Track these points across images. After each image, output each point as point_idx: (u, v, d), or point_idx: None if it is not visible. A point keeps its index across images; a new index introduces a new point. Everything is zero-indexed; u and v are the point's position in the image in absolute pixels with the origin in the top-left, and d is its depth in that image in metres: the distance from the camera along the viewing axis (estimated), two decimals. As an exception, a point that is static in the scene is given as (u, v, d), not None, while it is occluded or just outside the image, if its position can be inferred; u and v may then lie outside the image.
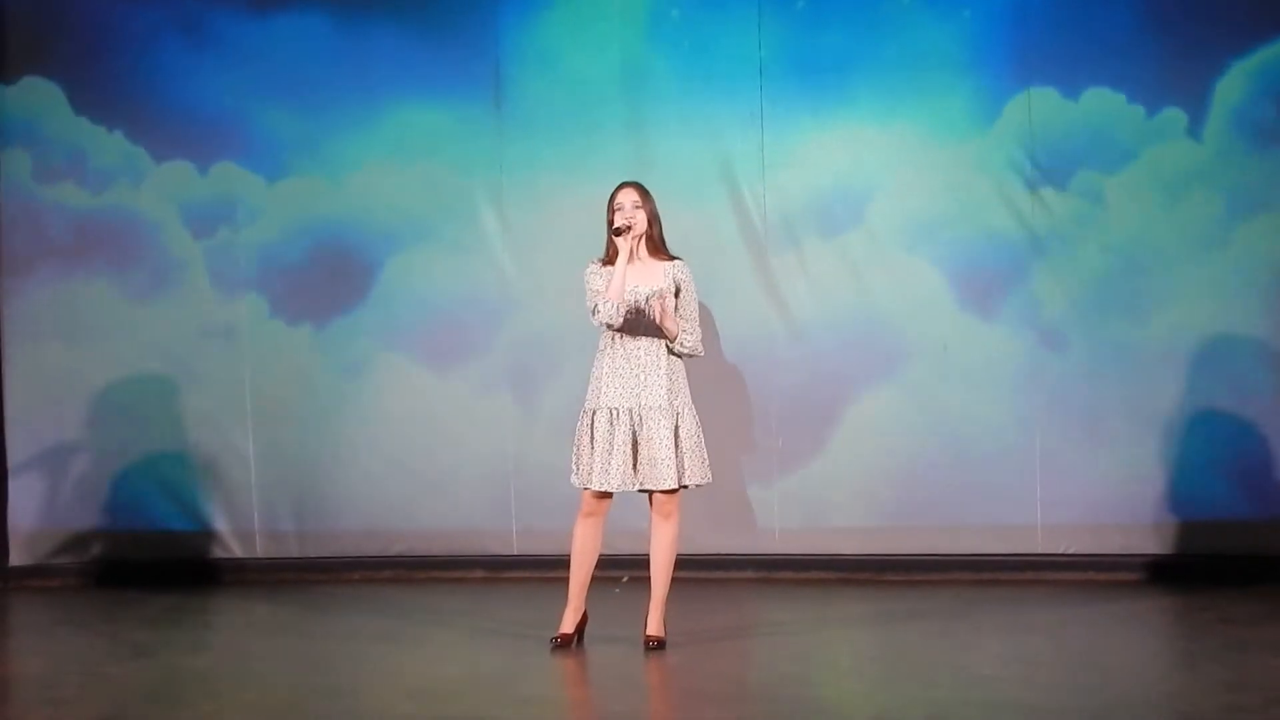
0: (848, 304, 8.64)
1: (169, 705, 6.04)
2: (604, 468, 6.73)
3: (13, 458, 9.12)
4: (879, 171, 8.62)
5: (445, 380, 8.96)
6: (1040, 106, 8.43)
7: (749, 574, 8.77)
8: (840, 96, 8.62)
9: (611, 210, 6.87)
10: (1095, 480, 8.43)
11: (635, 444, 6.74)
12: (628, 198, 6.86)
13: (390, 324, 9.00)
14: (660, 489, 6.74)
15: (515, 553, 8.91)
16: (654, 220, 6.90)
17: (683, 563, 8.02)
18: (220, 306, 9.14)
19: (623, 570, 8.01)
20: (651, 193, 6.90)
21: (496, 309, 8.92)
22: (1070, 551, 8.49)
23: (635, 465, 6.73)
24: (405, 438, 8.98)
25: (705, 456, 6.86)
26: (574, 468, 6.83)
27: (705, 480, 6.86)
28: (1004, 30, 8.46)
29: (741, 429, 8.72)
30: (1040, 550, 8.50)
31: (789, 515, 8.70)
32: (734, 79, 8.69)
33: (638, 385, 6.78)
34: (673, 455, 6.73)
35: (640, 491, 6.81)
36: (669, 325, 6.80)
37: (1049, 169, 8.45)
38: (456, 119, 8.93)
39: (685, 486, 6.81)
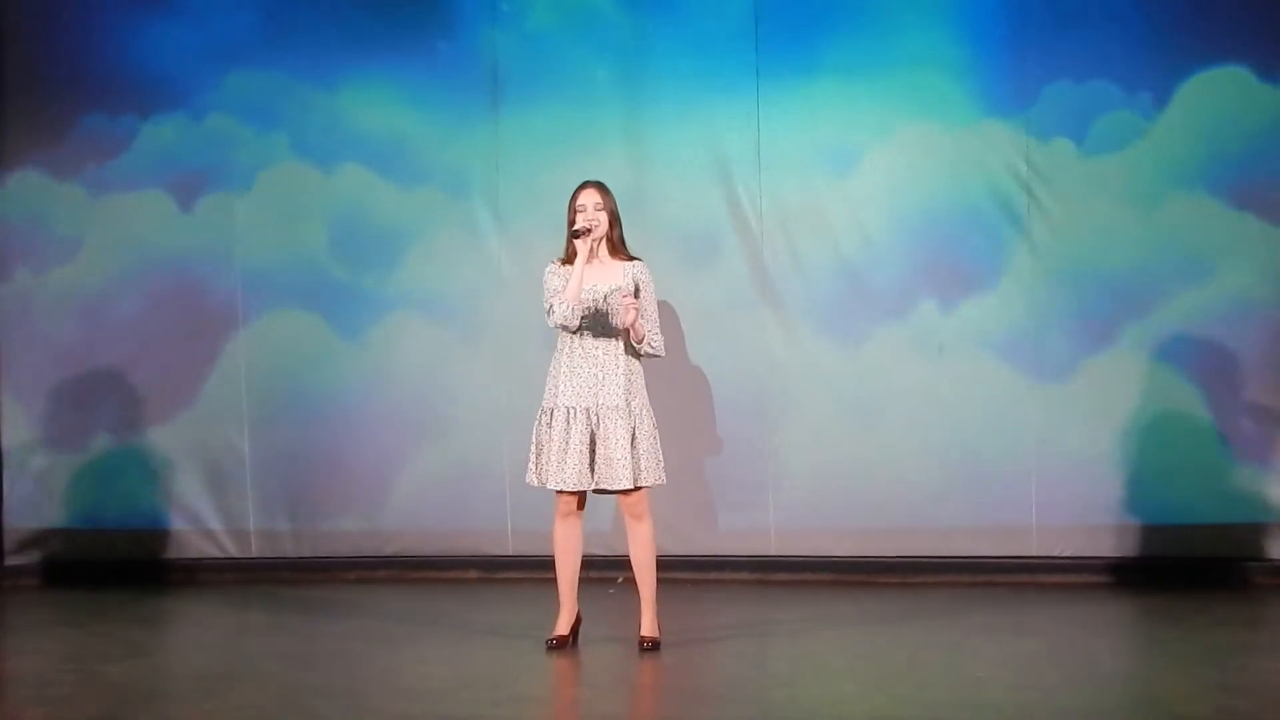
0: (843, 304, 8.64)
1: (164, 704, 6.04)
2: (559, 467, 6.74)
3: (7, 457, 9.11)
4: (874, 171, 8.61)
5: (440, 380, 8.96)
6: (1039, 108, 8.44)
7: (745, 575, 8.77)
8: (836, 97, 8.61)
9: (573, 210, 6.87)
10: (1090, 483, 8.42)
11: (592, 444, 6.75)
12: (589, 199, 6.86)
13: (385, 324, 8.99)
14: (615, 489, 6.74)
15: (510, 553, 8.90)
16: (615, 221, 6.89)
17: (679, 564, 8.06)
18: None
19: (618, 571, 8.01)
20: (612, 191, 6.91)
21: (492, 307, 8.92)
22: (1065, 554, 8.49)
23: (592, 465, 6.74)
24: (401, 438, 8.98)
25: (660, 458, 6.84)
26: (531, 467, 6.85)
27: (659, 481, 6.83)
28: (1003, 31, 8.46)
29: (736, 429, 8.72)
30: (1035, 552, 8.50)
31: (784, 517, 8.70)
32: (730, 79, 8.68)
33: (595, 385, 6.78)
34: (629, 456, 6.72)
35: (596, 492, 6.81)
36: (639, 326, 6.76)
37: (1044, 167, 8.45)
38: (455, 121, 8.93)
39: (640, 488, 6.79)
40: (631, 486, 6.74)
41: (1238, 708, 5.64)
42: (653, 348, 6.85)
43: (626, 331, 6.81)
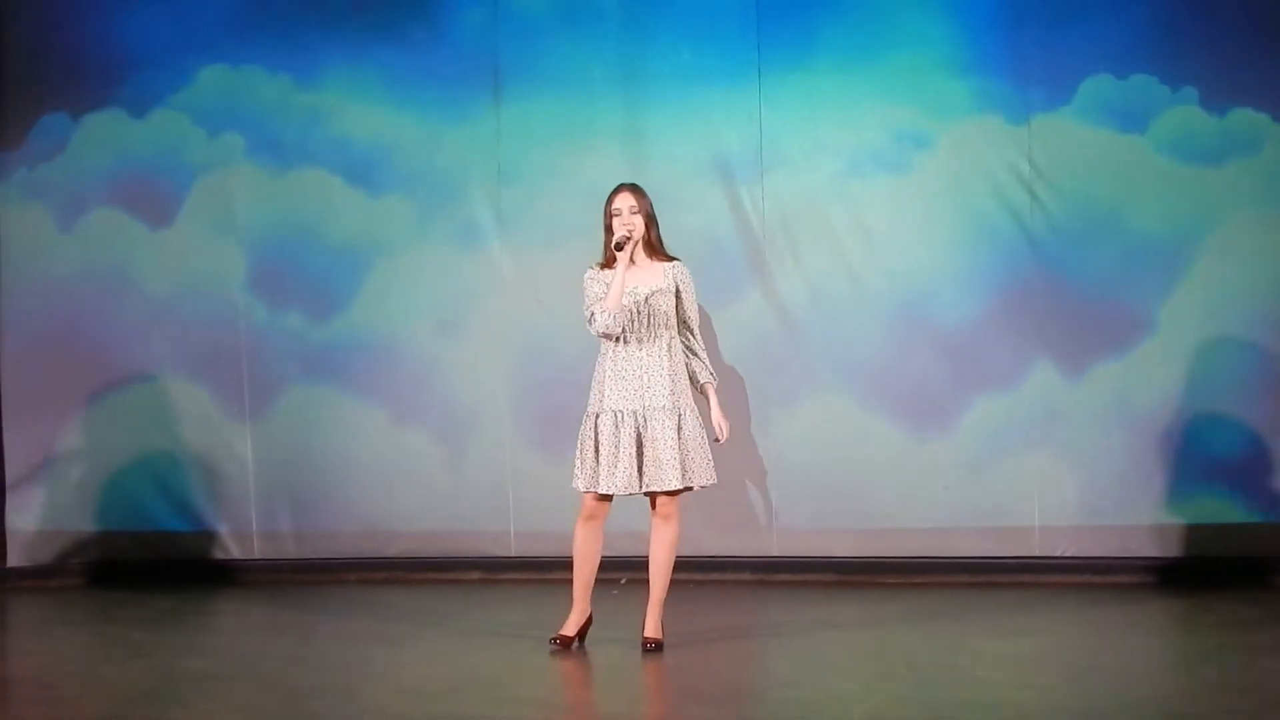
0: (844, 305, 8.63)
1: (166, 706, 6.04)
2: (610, 471, 6.71)
3: (10, 459, 9.11)
4: (876, 172, 8.61)
5: (442, 381, 8.96)
6: (1046, 111, 8.44)
7: (747, 576, 8.77)
8: (838, 97, 8.61)
9: (609, 215, 6.86)
10: (1092, 483, 8.42)
11: (640, 446, 6.74)
12: (625, 202, 6.85)
13: (389, 325, 8.99)
14: (666, 490, 6.72)
15: (512, 554, 8.90)
16: (651, 221, 6.88)
17: (681, 564, 8.03)
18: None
19: (622, 572, 8.01)
20: (646, 192, 6.91)
21: (494, 310, 8.91)
22: (1067, 554, 8.48)
23: (641, 468, 6.73)
24: (403, 439, 8.97)
25: (710, 457, 6.85)
26: (577, 472, 6.81)
27: (711, 481, 6.84)
28: (1004, 29, 8.46)
29: (738, 430, 8.68)
30: (1037, 553, 8.49)
31: (786, 517, 8.70)
32: (732, 79, 8.68)
33: (641, 387, 6.77)
34: (677, 456, 6.72)
35: (644, 495, 6.80)
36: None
37: (1047, 170, 8.45)
38: (457, 119, 8.93)
39: (690, 488, 6.80)
40: (681, 487, 6.73)
41: (1240, 708, 5.63)
42: (710, 368, 6.97)
43: (670, 333, 6.85)
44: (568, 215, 8.51)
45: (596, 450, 6.75)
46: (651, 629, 6.83)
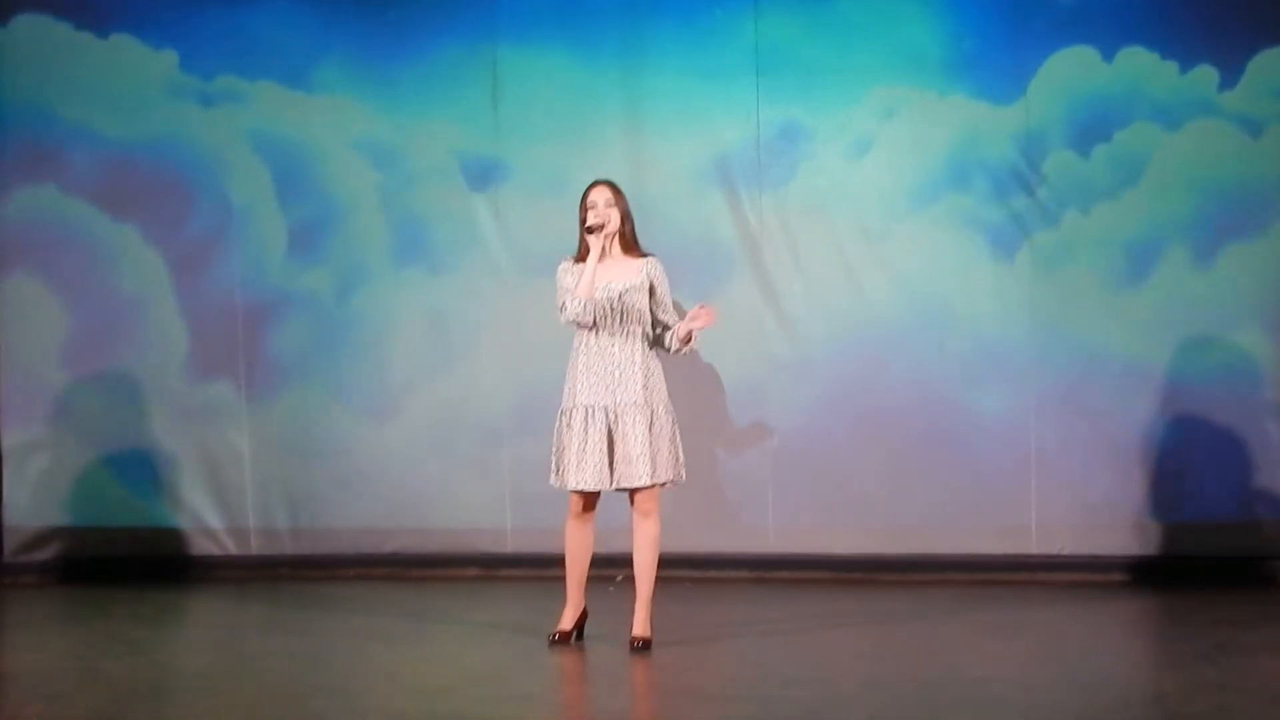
0: (843, 303, 8.64)
1: (164, 702, 6.04)
2: (579, 467, 6.74)
3: (7, 454, 9.10)
4: (875, 171, 8.62)
5: (442, 379, 8.96)
6: (1046, 108, 8.45)
7: (744, 573, 8.78)
8: (837, 95, 8.62)
9: (584, 209, 6.90)
10: (1090, 481, 8.43)
11: (611, 442, 6.75)
12: (600, 196, 6.89)
13: (389, 324, 8.99)
14: (634, 486, 6.73)
15: (510, 551, 8.91)
16: (626, 218, 6.91)
17: (677, 562, 8.04)
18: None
19: (618, 569, 8.00)
20: (623, 191, 6.93)
21: (493, 307, 8.91)
22: (1064, 552, 8.49)
23: (611, 464, 6.74)
24: (401, 435, 8.98)
25: (680, 455, 6.84)
26: (553, 469, 6.85)
27: (678, 478, 6.84)
28: (1002, 25, 8.47)
29: (736, 428, 8.73)
30: (1034, 551, 8.51)
31: (783, 515, 8.70)
32: (731, 77, 8.69)
33: (613, 383, 6.78)
34: (647, 452, 6.72)
35: (618, 490, 6.81)
36: (694, 343, 6.85)
37: (1046, 172, 8.46)
38: (458, 117, 8.93)
39: (663, 484, 6.79)
40: (649, 483, 6.73)
41: (1237, 706, 5.64)
42: (692, 345, 6.88)
43: (643, 329, 6.82)
44: (567, 214, 8.47)
45: (569, 447, 6.78)
46: (640, 627, 6.83)
